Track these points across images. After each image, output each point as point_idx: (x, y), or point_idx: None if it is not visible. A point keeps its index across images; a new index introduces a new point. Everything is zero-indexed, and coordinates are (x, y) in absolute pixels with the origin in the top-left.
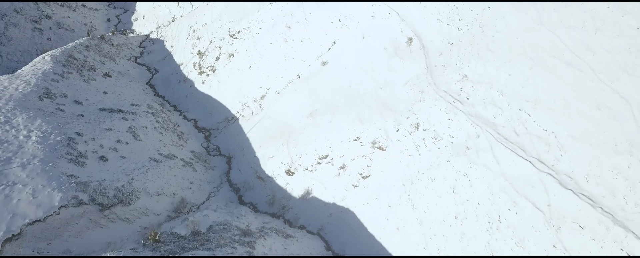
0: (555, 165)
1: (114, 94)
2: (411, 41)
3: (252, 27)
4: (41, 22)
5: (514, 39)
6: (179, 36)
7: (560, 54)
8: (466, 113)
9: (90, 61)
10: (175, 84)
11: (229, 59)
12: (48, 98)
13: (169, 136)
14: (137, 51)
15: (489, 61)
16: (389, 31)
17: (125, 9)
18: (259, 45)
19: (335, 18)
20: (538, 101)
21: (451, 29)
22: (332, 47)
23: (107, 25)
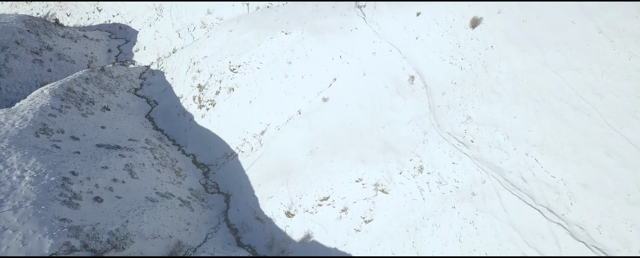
0: (565, 214)
1: (112, 128)
2: (413, 79)
3: (252, 62)
4: (42, 53)
5: (518, 80)
6: (180, 67)
7: (566, 97)
8: (471, 156)
9: (89, 94)
10: (174, 118)
11: (229, 93)
12: (44, 134)
13: (166, 173)
14: (137, 82)
15: (494, 102)
16: (390, 69)
17: (126, 40)
18: (259, 80)
19: (336, 54)
20: (545, 146)
21: (454, 67)
22: (333, 84)
23: (108, 56)
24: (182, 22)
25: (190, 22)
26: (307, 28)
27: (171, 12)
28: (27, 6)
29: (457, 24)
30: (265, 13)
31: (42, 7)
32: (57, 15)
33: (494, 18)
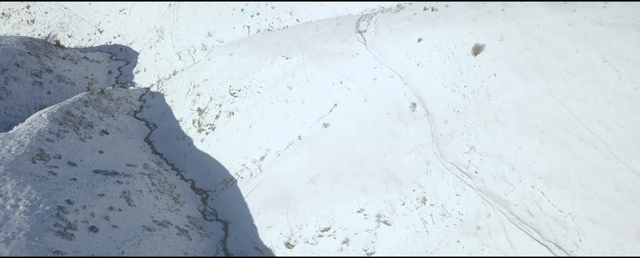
0: (574, 251)
1: (110, 153)
2: (415, 106)
3: (253, 86)
4: (42, 75)
5: (522, 109)
6: (180, 90)
7: (572, 127)
8: (475, 188)
9: (88, 118)
10: (173, 141)
11: (229, 117)
12: (41, 159)
13: (164, 199)
14: (136, 104)
15: (498, 132)
16: (392, 95)
17: (127, 61)
18: (259, 104)
19: (337, 80)
20: (552, 179)
21: (456, 95)
22: (334, 109)
23: (108, 77)
24: (182, 44)
25: (190, 45)
26: (307, 53)
27: (172, 34)
28: (28, 27)
29: (459, 51)
30: (266, 37)
31: (44, 28)
32: (59, 37)
33: (496, 45)
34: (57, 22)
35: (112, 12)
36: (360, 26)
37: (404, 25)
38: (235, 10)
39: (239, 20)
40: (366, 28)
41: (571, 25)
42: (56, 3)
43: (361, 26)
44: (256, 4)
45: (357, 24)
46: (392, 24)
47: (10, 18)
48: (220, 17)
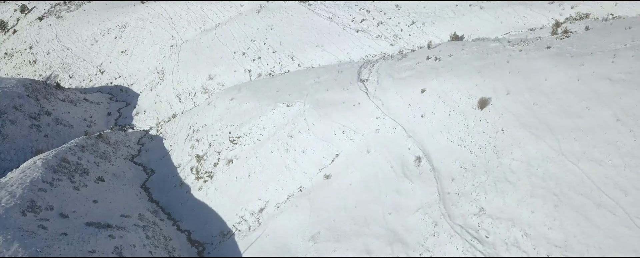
0: None
1: (104, 202)
2: (420, 161)
3: (253, 133)
4: (40, 118)
5: (533, 169)
6: (179, 134)
7: (587, 191)
8: (487, 254)
9: (84, 164)
10: (171, 189)
11: (227, 165)
12: (32, 212)
13: (158, 253)
14: (135, 148)
15: (508, 193)
16: (395, 147)
17: (127, 102)
18: (259, 153)
19: (339, 130)
20: (568, 247)
21: (463, 150)
22: (336, 160)
23: (108, 119)
24: (183, 86)
25: (191, 87)
26: (309, 101)
27: (173, 76)
28: (30, 68)
29: (464, 104)
30: (267, 82)
31: (45, 69)
32: (60, 77)
33: (503, 99)
34: (58, 63)
35: (114, 53)
36: (362, 74)
37: (407, 75)
38: (237, 54)
39: (240, 64)
40: (368, 77)
41: (580, 81)
42: (58, 44)
43: (363, 74)
44: (257, 48)
45: (358, 72)
46: (395, 74)
47: (13, 58)
48: (221, 61)
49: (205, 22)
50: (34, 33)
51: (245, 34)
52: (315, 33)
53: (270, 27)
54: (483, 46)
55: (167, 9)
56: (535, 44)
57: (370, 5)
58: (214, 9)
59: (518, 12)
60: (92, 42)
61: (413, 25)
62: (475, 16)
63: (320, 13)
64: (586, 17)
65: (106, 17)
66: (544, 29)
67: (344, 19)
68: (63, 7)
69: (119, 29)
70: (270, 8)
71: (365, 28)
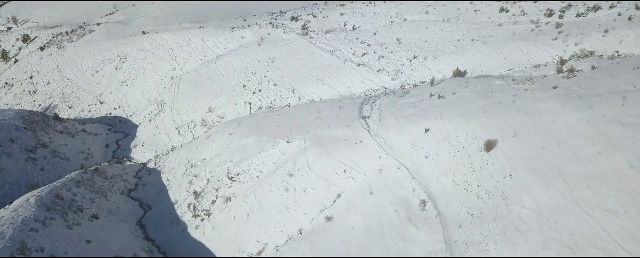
0: None
1: (98, 242)
2: (425, 205)
3: (252, 170)
4: (36, 151)
5: (544, 219)
6: (177, 168)
7: (603, 244)
8: None
9: (78, 200)
10: (167, 226)
11: (225, 203)
12: (22, 254)
13: None
14: (132, 182)
15: (519, 244)
16: (399, 189)
17: (126, 134)
18: (258, 191)
19: (340, 168)
20: None
21: (469, 195)
22: (337, 201)
23: (105, 151)
24: (182, 118)
25: (190, 120)
26: (309, 137)
27: (172, 108)
28: (30, 98)
29: (470, 145)
30: (268, 116)
31: (45, 99)
32: (59, 107)
33: (510, 142)
34: (58, 93)
35: (114, 84)
36: (364, 111)
37: (410, 113)
38: (237, 86)
39: (241, 97)
40: (370, 113)
41: (590, 124)
42: (59, 74)
43: (364, 111)
44: (258, 81)
45: (360, 108)
46: (397, 111)
47: (13, 88)
48: (221, 93)
49: (206, 54)
50: (35, 63)
51: (246, 66)
52: (316, 66)
53: (271, 59)
54: (487, 83)
55: (168, 40)
56: (541, 83)
57: (371, 39)
58: (215, 41)
59: (521, 49)
60: (93, 72)
61: (415, 59)
62: (477, 51)
63: (321, 46)
64: (591, 54)
65: (107, 48)
66: (549, 66)
67: (345, 53)
68: (65, 37)
69: (120, 59)
70: (272, 40)
71: (367, 62)
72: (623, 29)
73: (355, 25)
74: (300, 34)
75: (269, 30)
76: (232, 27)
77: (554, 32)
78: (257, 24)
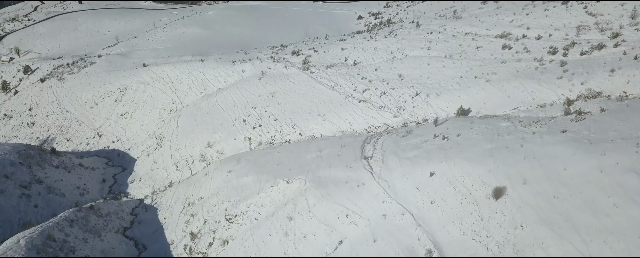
0: None
1: None
2: (431, 254)
3: (250, 212)
4: (31, 187)
5: None
6: (174, 206)
7: None
8: None
9: (71, 242)
10: None
11: (222, 246)
12: None
13: None
14: (127, 220)
15: None
16: (404, 237)
17: (123, 168)
18: (256, 235)
19: (342, 213)
20: None
21: (478, 246)
22: (339, 248)
23: (102, 186)
24: (181, 153)
25: (189, 155)
26: (310, 178)
27: (171, 142)
28: (28, 130)
29: (477, 191)
30: (267, 153)
31: (43, 131)
32: (57, 140)
33: (520, 190)
34: (57, 126)
35: (113, 117)
36: (366, 151)
37: (414, 155)
38: (237, 121)
39: (241, 132)
40: (372, 154)
41: (603, 173)
42: (58, 106)
43: (366, 151)
44: (259, 116)
45: (362, 148)
46: (400, 152)
47: (12, 120)
48: (221, 127)
49: (207, 87)
50: (35, 95)
51: (246, 100)
52: (317, 102)
53: (272, 94)
54: (493, 124)
55: (169, 73)
56: (549, 126)
57: (373, 75)
58: (215, 74)
59: (526, 87)
60: (92, 104)
61: (417, 96)
62: (481, 89)
63: (322, 81)
64: (599, 95)
65: (108, 80)
66: (555, 106)
67: (346, 88)
68: (66, 69)
69: (120, 92)
70: (273, 75)
71: (368, 98)
72: (629, 69)
73: (356, 60)
74: (301, 68)
75: (270, 65)
76: (233, 61)
77: (559, 70)
78: (258, 57)
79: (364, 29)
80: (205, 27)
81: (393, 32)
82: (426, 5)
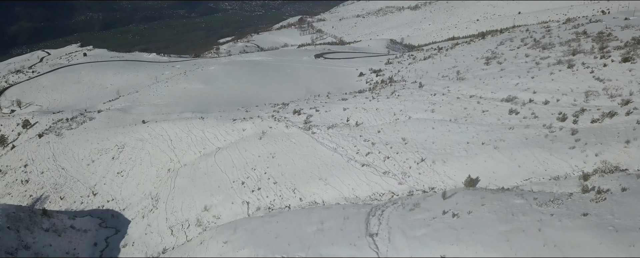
0: None
1: None
2: None
3: None
4: (17, 253)
5: None
6: None
7: None
8: None
9: None
10: None
11: None
12: None
13: None
14: None
15: None
16: None
17: (116, 230)
18: None
19: None
20: None
21: None
22: None
23: (93, 251)
24: (176, 217)
25: (185, 218)
26: (311, 256)
27: (167, 204)
28: (22, 187)
29: None
30: (266, 223)
31: (37, 189)
32: (50, 199)
33: None
34: (51, 183)
35: (110, 174)
36: (371, 226)
37: (422, 234)
38: (236, 183)
39: (239, 195)
40: (377, 230)
41: None
42: (54, 163)
43: (372, 226)
44: (258, 178)
45: (366, 222)
46: (408, 230)
47: (6, 176)
48: (219, 190)
49: (206, 146)
50: (32, 150)
51: (246, 161)
52: (318, 164)
53: (272, 155)
54: (506, 202)
55: (168, 130)
56: (567, 207)
57: (376, 137)
58: (215, 133)
59: (537, 156)
60: (89, 162)
61: (423, 162)
62: (489, 156)
63: (323, 142)
64: (616, 169)
65: (106, 137)
66: (570, 179)
67: (348, 151)
68: (64, 125)
69: (118, 149)
70: (273, 134)
71: (371, 162)
72: None
73: (359, 121)
74: (302, 128)
75: (271, 124)
76: (234, 119)
77: (571, 139)
78: (259, 116)
79: (365, 87)
80: (207, 82)
81: (395, 92)
82: (428, 64)
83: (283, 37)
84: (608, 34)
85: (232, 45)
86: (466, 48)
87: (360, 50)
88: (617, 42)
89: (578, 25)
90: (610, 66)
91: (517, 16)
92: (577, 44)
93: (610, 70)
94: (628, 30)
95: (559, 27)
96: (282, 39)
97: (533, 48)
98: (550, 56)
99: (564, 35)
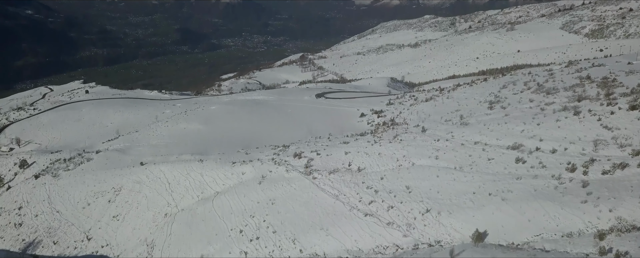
0: None
1: None
2: None
3: None
4: None
5: None
6: None
7: None
8: None
9: None
10: None
11: None
12: None
13: None
14: None
15: None
16: None
17: None
18: None
19: None
20: None
21: None
22: None
23: None
24: None
25: None
26: None
27: (162, 251)
28: (14, 231)
29: None
30: None
31: (30, 232)
32: (43, 243)
33: None
34: (45, 227)
35: (105, 218)
36: None
37: None
38: (234, 231)
39: (237, 245)
40: None
41: None
42: (48, 206)
43: None
44: (257, 226)
45: None
46: None
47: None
48: (216, 238)
49: (204, 190)
50: (27, 192)
51: (244, 207)
52: (319, 212)
53: (271, 201)
54: None
55: (166, 173)
56: None
57: (379, 185)
58: (214, 176)
59: (547, 210)
60: (84, 205)
61: (428, 213)
62: (497, 209)
63: (325, 188)
64: (633, 229)
65: (103, 179)
66: (583, 237)
67: (350, 198)
68: (61, 165)
69: (114, 191)
70: (273, 179)
71: (374, 212)
72: None
73: (361, 166)
74: (303, 172)
75: (271, 168)
76: (233, 162)
77: (582, 192)
78: (259, 159)
79: (367, 129)
80: (208, 122)
81: (398, 136)
82: (430, 106)
83: (284, 74)
84: (613, 79)
85: (234, 81)
86: (468, 90)
87: (361, 89)
88: (622, 88)
89: (581, 69)
90: (618, 114)
91: (516, 54)
92: (581, 90)
93: (618, 118)
94: (633, 76)
95: (561, 71)
96: (283, 76)
97: (537, 93)
98: (555, 101)
99: (568, 79)
